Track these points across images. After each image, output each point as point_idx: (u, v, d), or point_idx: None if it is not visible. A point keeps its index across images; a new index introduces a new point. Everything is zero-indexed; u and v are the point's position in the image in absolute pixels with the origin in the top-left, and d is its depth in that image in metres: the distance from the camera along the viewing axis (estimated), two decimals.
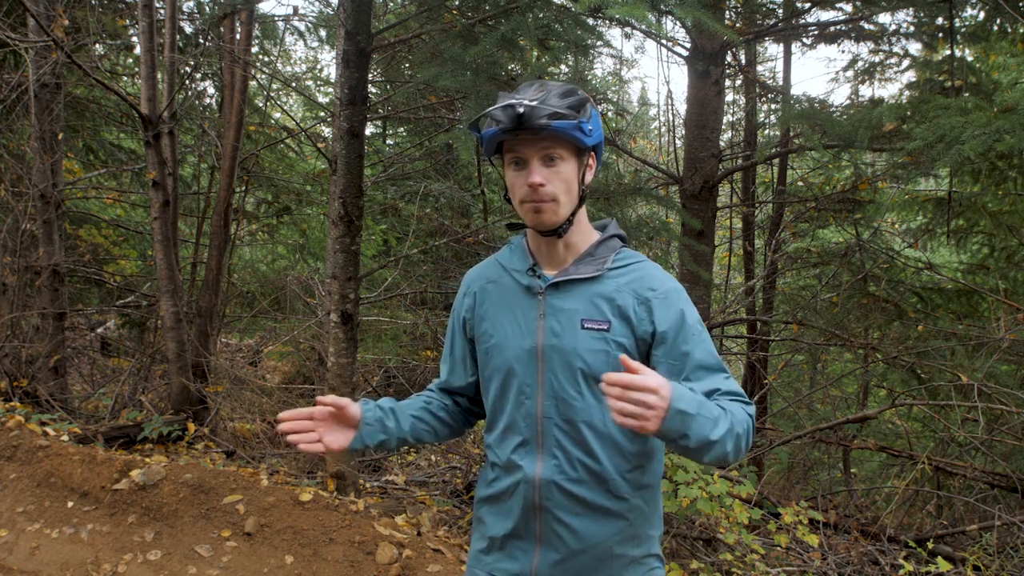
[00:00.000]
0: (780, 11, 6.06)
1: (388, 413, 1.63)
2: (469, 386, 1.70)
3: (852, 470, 6.16)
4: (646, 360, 1.50)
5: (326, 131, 8.59)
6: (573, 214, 1.51)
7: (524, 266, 1.57)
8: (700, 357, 1.47)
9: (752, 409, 1.46)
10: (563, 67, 5.72)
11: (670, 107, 8.28)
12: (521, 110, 1.39)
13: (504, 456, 1.57)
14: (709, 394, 1.43)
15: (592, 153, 1.53)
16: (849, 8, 5.69)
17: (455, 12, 4.17)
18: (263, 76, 8.20)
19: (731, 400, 1.44)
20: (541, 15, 3.63)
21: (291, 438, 1.50)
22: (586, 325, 1.48)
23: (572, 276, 1.52)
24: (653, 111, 18.95)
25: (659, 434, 1.24)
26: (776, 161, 7.60)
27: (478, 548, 1.65)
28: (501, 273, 1.62)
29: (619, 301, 1.49)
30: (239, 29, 6.47)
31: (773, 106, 8.25)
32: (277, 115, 9.33)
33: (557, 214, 1.48)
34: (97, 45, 6.97)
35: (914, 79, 6.11)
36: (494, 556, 1.60)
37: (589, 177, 1.54)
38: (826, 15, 5.97)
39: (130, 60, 8.34)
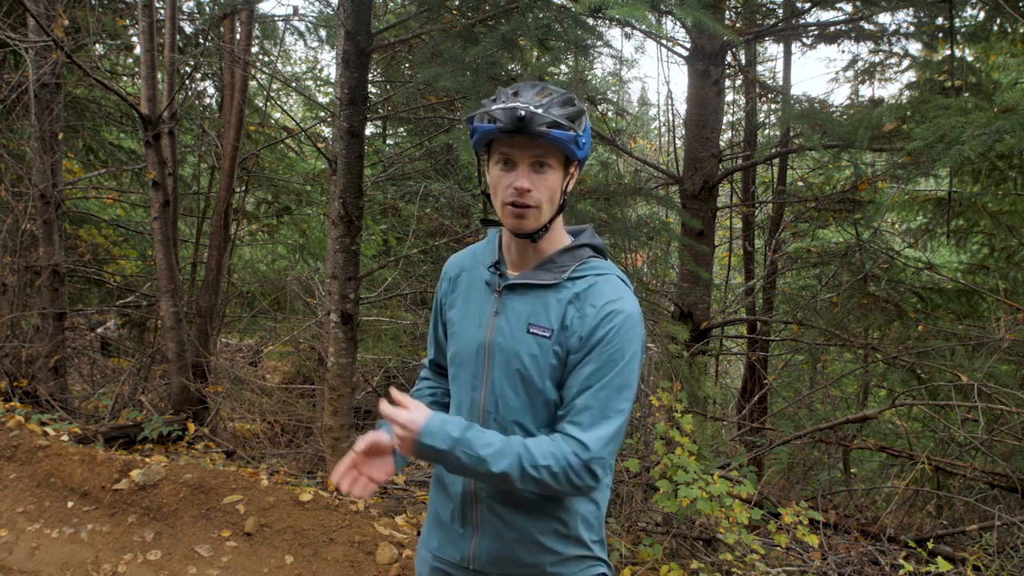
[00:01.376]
0: (780, 11, 6.06)
1: None
2: None
3: (852, 470, 6.16)
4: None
5: (326, 131, 8.59)
6: (551, 221, 1.52)
7: (490, 261, 1.61)
8: (579, 389, 1.46)
9: (587, 455, 1.42)
10: (563, 67, 5.71)
11: (670, 107, 8.28)
12: (523, 114, 1.40)
13: None
14: (556, 430, 1.49)
15: (577, 163, 1.55)
16: (849, 8, 5.69)
17: (455, 12, 4.17)
18: (263, 76, 8.20)
19: (564, 439, 1.44)
20: (541, 15, 3.63)
21: (346, 490, 1.56)
22: (531, 329, 1.51)
23: (529, 280, 1.54)
24: (653, 111, 18.96)
25: (419, 457, 1.45)
26: (776, 161, 7.59)
27: (425, 532, 1.72)
28: (474, 263, 1.66)
29: (565, 311, 1.51)
30: (239, 29, 6.47)
31: (773, 106, 8.24)
32: (277, 115, 9.32)
33: (538, 220, 1.50)
34: (97, 45, 6.97)
35: (914, 79, 6.11)
36: (437, 538, 1.66)
37: (571, 186, 1.56)
38: (826, 15, 5.97)
39: (130, 60, 8.34)
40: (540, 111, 1.41)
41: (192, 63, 6.82)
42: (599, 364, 1.46)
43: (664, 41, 6.80)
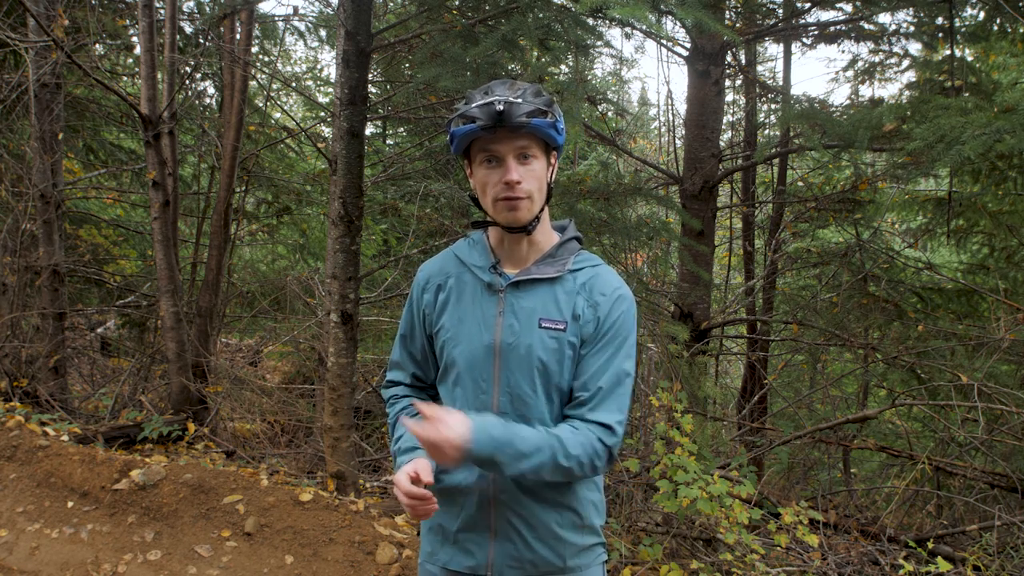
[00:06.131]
0: (780, 11, 6.06)
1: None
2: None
3: (852, 470, 6.16)
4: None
5: (326, 131, 8.59)
6: (540, 211, 1.54)
7: (486, 263, 1.59)
8: (599, 374, 1.52)
9: (612, 440, 1.50)
10: (563, 67, 5.71)
11: (670, 107, 8.28)
12: (501, 107, 1.41)
13: None
14: (571, 417, 1.52)
15: (555, 152, 1.57)
16: (849, 8, 5.69)
17: (455, 12, 4.17)
18: (263, 76, 8.19)
19: (588, 426, 1.49)
20: (541, 15, 3.63)
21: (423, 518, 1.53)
22: (543, 324, 1.52)
23: (534, 276, 1.55)
24: (653, 111, 18.94)
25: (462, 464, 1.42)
26: (776, 161, 7.59)
27: (429, 548, 1.67)
28: (460, 268, 1.63)
29: (574, 302, 1.54)
30: (239, 29, 6.47)
31: (773, 106, 8.23)
32: (277, 115, 9.32)
33: (531, 211, 1.51)
34: (97, 45, 6.97)
35: (914, 79, 6.10)
36: (447, 552, 1.62)
37: (553, 177, 1.58)
38: (826, 15, 5.97)
39: (130, 60, 8.34)
40: (518, 101, 1.43)
41: (192, 63, 6.82)
42: (613, 349, 1.52)
43: (664, 41, 6.80)
